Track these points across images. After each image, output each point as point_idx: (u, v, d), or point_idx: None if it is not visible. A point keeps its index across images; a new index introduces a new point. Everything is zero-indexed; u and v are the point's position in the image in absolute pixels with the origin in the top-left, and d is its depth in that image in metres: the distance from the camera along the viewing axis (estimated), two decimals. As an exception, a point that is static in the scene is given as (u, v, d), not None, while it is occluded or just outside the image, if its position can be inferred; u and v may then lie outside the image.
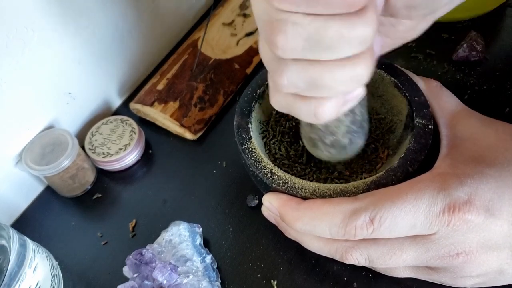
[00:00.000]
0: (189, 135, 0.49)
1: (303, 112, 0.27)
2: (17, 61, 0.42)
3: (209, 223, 0.43)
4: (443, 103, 0.36)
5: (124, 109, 0.55)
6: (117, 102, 0.56)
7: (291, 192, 0.34)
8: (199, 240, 0.41)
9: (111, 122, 0.50)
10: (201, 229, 0.42)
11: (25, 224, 0.47)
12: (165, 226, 0.42)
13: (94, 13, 0.47)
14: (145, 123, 0.52)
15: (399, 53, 0.52)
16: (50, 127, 0.48)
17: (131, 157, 0.48)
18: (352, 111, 0.32)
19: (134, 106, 0.52)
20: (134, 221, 0.45)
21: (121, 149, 0.48)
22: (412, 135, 0.35)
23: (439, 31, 0.53)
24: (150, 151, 0.51)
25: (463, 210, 0.28)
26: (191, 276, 0.38)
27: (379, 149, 0.40)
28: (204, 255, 0.40)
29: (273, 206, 0.35)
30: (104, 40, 0.50)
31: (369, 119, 0.36)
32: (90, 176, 0.48)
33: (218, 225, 0.43)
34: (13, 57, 0.41)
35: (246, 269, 0.40)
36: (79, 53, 0.48)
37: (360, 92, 0.27)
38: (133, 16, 0.52)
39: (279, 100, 0.28)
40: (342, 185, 0.33)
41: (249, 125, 0.38)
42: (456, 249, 0.29)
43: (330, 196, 0.33)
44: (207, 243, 0.42)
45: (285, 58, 0.24)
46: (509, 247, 0.29)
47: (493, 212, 0.28)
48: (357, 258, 0.32)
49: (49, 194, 0.49)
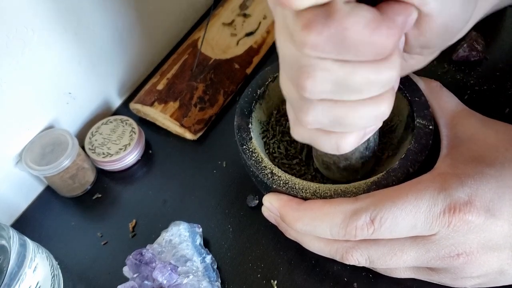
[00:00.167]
0: (189, 135, 0.49)
1: (325, 146, 0.29)
2: (17, 61, 0.42)
3: (209, 223, 0.43)
4: (443, 103, 0.36)
5: (124, 109, 0.55)
6: (117, 102, 0.56)
7: (292, 192, 0.34)
8: (199, 240, 0.41)
9: (111, 122, 0.50)
10: (201, 229, 0.42)
11: (25, 224, 0.47)
12: (165, 226, 0.42)
13: (94, 13, 0.47)
14: (145, 123, 0.52)
15: (399, 53, 0.52)
16: (50, 127, 0.48)
17: (131, 157, 0.48)
18: (367, 139, 0.33)
19: (134, 106, 0.52)
20: (134, 221, 0.45)
21: (121, 149, 0.48)
22: (413, 135, 0.35)
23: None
24: (150, 151, 0.51)
25: (463, 210, 0.28)
26: (191, 276, 0.38)
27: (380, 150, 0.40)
28: (204, 255, 0.40)
29: (273, 207, 0.35)
30: (104, 40, 0.50)
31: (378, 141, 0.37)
32: (90, 176, 0.48)
33: (218, 225, 0.43)
34: (13, 57, 0.41)
35: (246, 269, 0.40)
36: (79, 53, 0.48)
37: (379, 125, 0.29)
38: (133, 16, 0.52)
39: (301, 133, 0.30)
40: (343, 185, 0.33)
41: (250, 125, 0.38)
42: (456, 249, 0.29)
43: (331, 196, 0.33)
44: (207, 243, 0.42)
45: (312, 99, 0.25)
46: (510, 248, 0.29)
47: (494, 212, 0.28)
48: (357, 258, 0.32)
49: (49, 194, 0.49)
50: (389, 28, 0.22)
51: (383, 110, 0.26)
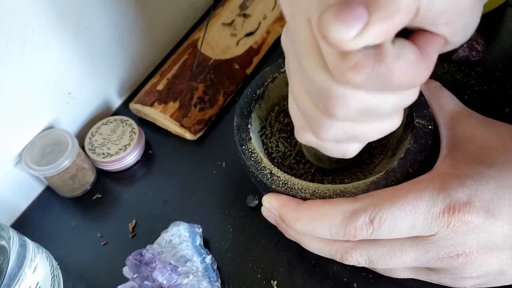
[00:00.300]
0: (189, 136, 0.49)
1: (333, 152, 0.30)
2: (17, 61, 0.42)
3: (209, 223, 0.43)
4: (443, 103, 0.36)
5: (124, 109, 0.55)
6: (117, 102, 0.56)
7: (291, 193, 0.34)
8: (199, 241, 0.41)
9: (111, 122, 0.50)
10: (201, 230, 0.42)
11: (25, 224, 0.47)
12: (165, 226, 0.42)
13: (94, 13, 0.47)
14: (145, 123, 0.52)
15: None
16: (50, 127, 0.48)
17: (131, 158, 0.48)
18: None
19: (134, 106, 0.52)
20: (134, 221, 0.45)
21: (121, 149, 0.48)
22: (412, 135, 0.35)
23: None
24: (150, 151, 0.51)
25: (463, 211, 0.28)
26: (191, 277, 0.38)
27: (373, 155, 0.40)
28: (204, 255, 0.40)
29: (273, 207, 0.35)
30: (104, 40, 0.50)
31: None
32: (90, 177, 0.48)
33: (218, 226, 0.43)
34: (13, 57, 0.41)
35: (246, 270, 0.40)
36: (79, 53, 0.48)
37: None
38: (133, 16, 0.52)
39: (309, 140, 0.30)
40: (342, 185, 0.33)
41: (249, 126, 0.38)
42: (456, 250, 0.29)
43: (330, 196, 0.33)
44: (207, 244, 0.42)
45: (335, 119, 0.26)
46: (509, 248, 0.29)
47: (493, 213, 0.28)
48: (357, 259, 0.32)
49: (49, 194, 0.49)
50: (427, 66, 0.22)
51: (396, 124, 0.27)
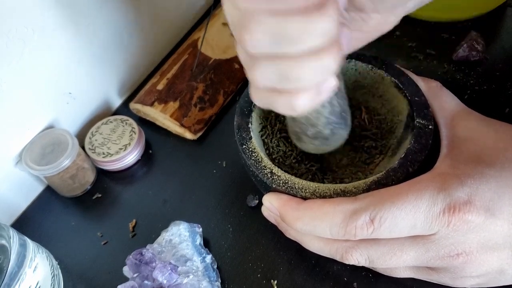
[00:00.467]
0: (189, 135, 0.49)
1: (280, 106, 0.28)
2: (17, 61, 0.42)
3: (209, 223, 0.43)
4: (443, 103, 0.36)
5: (124, 109, 0.55)
6: (117, 102, 0.56)
7: (291, 192, 0.34)
8: (199, 240, 0.41)
9: (111, 122, 0.50)
10: (201, 229, 0.42)
11: (25, 224, 0.47)
12: (165, 226, 0.42)
13: (94, 13, 0.47)
14: (145, 123, 0.52)
15: (399, 53, 0.52)
16: (50, 127, 0.48)
17: (131, 157, 0.48)
18: (329, 102, 0.33)
19: (134, 106, 0.52)
20: (134, 221, 0.45)
21: (121, 149, 0.48)
22: (413, 135, 0.35)
23: (439, 31, 0.53)
24: (150, 151, 0.51)
25: (463, 210, 0.28)
26: (191, 276, 0.38)
27: (374, 155, 0.40)
28: (204, 255, 0.40)
29: (273, 206, 0.35)
30: (104, 40, 0.50)
31: (350, 110, 0.37)
32: (90, 176, 0.48)
33: (218, 225, 0.43)
34: (13, 57, 0.41)
35: (246, 269, 0.40)
36: (79, 53, 0.48)
37: (332, 83, 0.28)
38: (133, 16, 0.52)
39: (258, 96, 0.29)
40: (342, 185, 0.33)
41: (249, 125, 0.38)
42: (456, 249, 0.29)
43: (330, 196, 0.33)
44: (207, 243, 0.42)
45: (255, 54, 0.25)
46: (510, 247, 0.29)
47: (493, 212, 0.28)
48: (357, 258, 0.32)
49: (49, 194, 0.49)
50: None
51: (326, 63, 0.25)
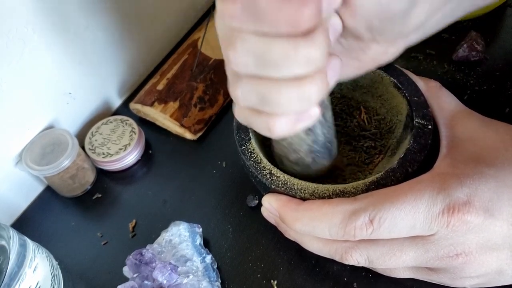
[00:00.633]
0: (189, 135, 0.49)
1: (258, 126, 0.28)
2: (17, 61, 0.42)
3: (209, 223, 0.43)
4: (443, 103, 0.36)
5: (124, 109, 0.55)
6: (117, 102, 0.56)
7: (291, 193, 0.34)
8: (199, 240, 0.41)
9: (111, 122, 0.50)
10: (201, 229, 0.42)
11: (25, 224, 0.47)
12: (165, 226, 0.42)
13: (94, 13, 0.47)
14: (145, 123, 0.52)
15: (399, 53, 0.52)
16: (50, 127, 0.48)
17: (131, 157, 0.48)
18: (313, 131, 0.33)
19: (134, 106, 0.52)
20: (134, 221, 0.45)
21: (121, 149, 0.48)
22: (412, 135, 0.35)
23: (439, 31, 0.53)
24: (150, 151, 0.51)
25: (462, 211, 0.28)
26: (191, 276, 0.38)
27: (373, 155, 0.40)
28: (204, 255, 0.40)
29: (272, 207, 0.35)
30: (104, 40, 0.50)
31: (336, 141, 0.36)
32: (90, 176, 0.48)
33: (218, 225, 0.43)
34: (13, 57, 0.41)
35: (246, 269, 0.40)
36: (79, 53, 0.48)
37: (314, 113, 0.27)
38: (133, 16, 0.52)
39: (238, 113, 0.29)
40: (341, 185, 0.33)
41: (249, 125, 0.38)
42: (455, 250, 0.29)
43: (329, 196, 0.33)
44: (207, 243, 0.42)
45: (238, 73, 0.25)
46: (509, 248, 0.29)
47: (493, 212, 0.28)
48: (356, 258, 0.32)
49: (49, 194, 0.49)
50: (305, 4, 0.21)
51: (308, 92, 0.25)
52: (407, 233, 0.30)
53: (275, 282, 0.39)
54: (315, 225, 0.32)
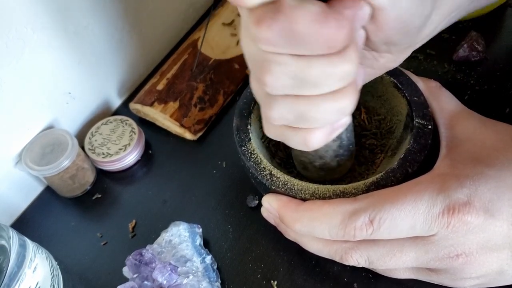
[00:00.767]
0: (189, 135, 0.49)
1: (294, 142, 0.29)
2: (17, 61, 0.42)
3: (209, 223, 0.43)
4: (443, 103, 0.36)
5: (124, 109, 0.55)
6: (117, 102, 0.56)
7: (291, 193, 0.34)
8: (199, 241, 0.41)
9: (111, 122, 0.50)
10: (201, 230, 0.42)
11: (25, 224, 0.47)
12: (165, 226, 0.42)
13: (94, 13, 0.47)
14: (145, 123, 0.52)
15: (399, 53, 0.52)
16: (50, 127, 0.48)
17: (131, 157, 0.48)
18: (339, 136, 0.34)
19: (134, 106, 0.52)
20: (134, 221, 0.45)
21: (121, 149, 0.48)
22: (412, 135, 0.35)
23: (439, 31, 0.53)
24: (150, 151, 0.51)
25: (462, 211, 0.28)
26: (191, 277, 0.38)
27: (375, 153, 0.40)
28: (204, 255, 0.40)
29: (272, 208, 0.35)
30: (104, 40, 0.50)
31: (355, 142, 0.37)
32: (90, 176, 0.48)
33: (218, 226, 0.43)
34: (13, 57, 0.41)
35: (246, 270, 0.40)
36: (79, 53, 0.48)
37: (346, 121, 0.29)
38: (133, 16, 0.52)
39: (271, 131, 0.30)
40: (342, 186, 0.33)
41: (249, 126, 0.38)
42: (456, 250, 0.29)
43: (330, 197, 0.33)
44: (207, 244, 0.42)
45: (274, 94, 0.26)
46: (509, 248, 0.29)
47: (493, 213, 0.28)
48: (357, 259, 0.32)
49: (49, 194, 0.49)
50: (337, 20, 0.22)
51: (345, 104, 0.26)
52: (407, 234, 0.30)
53: (275, 282, 0.39)
54: (315, 226, 0.32)
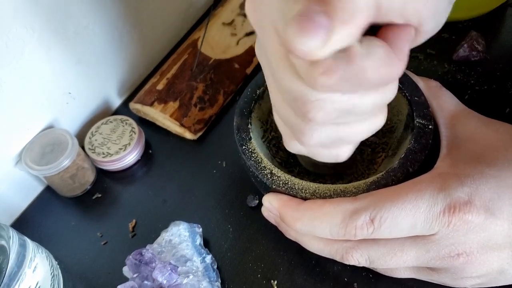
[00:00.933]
0: (189, 135, 0.49)
1: (325, 158, 0.30)
2: (17, 61, 0.42)
3: (209, 223, 0.43)
4: (443, 103, 0.36)
5: (124, 109, 0.55)
6: (117, 102, 0.56)
7: (291, 192, 0.34)
8: (199, 240, 0.41)
9: (111, 122, 0.50)
10: (201, 229, 0.42)
11: (25, 224, 0.47)
12: (165, 226, 0.42)
13: (94, 13, 0.47)
14: (145, 123, 0.52)
15: (399, 53, 0.52)
16: (50, 127, 0.48)
17: (131, 157, 0.48)
18: None
19: (134, 106, 0.52)
20: (134, 221, 0.45)
21: (121, 149, 0.48)
22: (412, 135, 0.35)
23: (439, 31, 0.53)
24: (150, 151, 0.51)
25: (463, 210, 0.28)
26: (191, 276, 0.38)
27: (376, 152, 0.40)
28: (204, 255, 0.40)
29: (273, 207, 0.35)
30: (103, 40, 0.50)
31: None
32: (90, 176, 0.48)
33: (218, 225, 0.43)
34: (13, 57, 0.41)
35: (246, 269, 0.40)
36: (79, 53, 0.48)
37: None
38: (133, 16, 0.52)
39: (298, 149, 0.31)
40: (343, 185, 0.33)
41: (249, 125, 0.38)
42: (456, 249, 0.29)
43: (330, 196, 0.33)
44: (207, 243, 0.42)
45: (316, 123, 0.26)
46: (510, 247, 0.29)
47: (493, 212, 0.28)
48: (357, 258, 0.32)
49: (49, 194, 0.49)
50: (401, 60, 0.22)
51: (380, 123, 0.28)
52: (408, 233, 0.30)
53: (275, 282, 0.39)
54: (316, 225, 0.32)
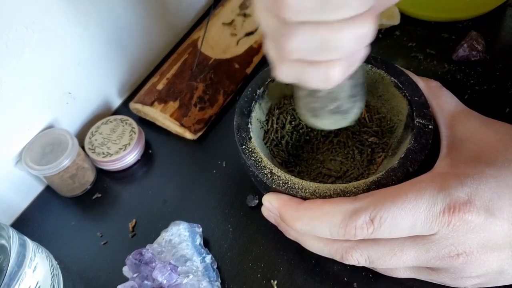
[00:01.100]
0: (189, 135, 0.49)
1: (313, 78, 0.27)
2: (17, 61, 0.42)
3: (209, 223, 0.43)
4: (443, 103, 0.36)
5: (124, 109, 0.55)
6: (117, 102, 0.56)
7: (291, 192, 0.34)
8: (199, 240, 0.41)
9: (111, 122, 0.50)
10: (201, 229, 0.42)
11: (25, 224, 0.47)
12: (165, 226, 0.42)
13: (94, 13, 0.47)
14: (145, 123, 0.52)
15: (399, 53, 0.52)
16: (50, 127, 0.48)
17: (131, 157, 0.48)
18: (353, 74, 0.31)
19: (134, 106, 0.52)
20: (134, 221, 0.45)
21: (121, 149, 0.48)
22: (413, 135, 0.35)
23: (439, 31, 0.53)
24: (150, 151, 0.51)
25: (463, 210, 0.28)
26: (191, 276, 0.38)
27: (376, 152, 0.40)
28: (204, 255, 0.40)
29: (273, 206, 0.35)
30: (104, 40, 0.50)
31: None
32: (90, 176, 0.48)
33: (218, 225, 0.43)
34: (13, 57, 0.41)
35: (246, 269, 0.40)
36: (79, 53, 0.48)
37: (364, 53, 0.28)
38: (133, 16, 0.52)
39: (286, 70, 0.28)
40: (342, 185, 0.33)
41: (249, 125, 0.38)
42: (456, 249, 0.29)
43: (330, 196, 0.33)
44: (207, 243, 0.42)
45: (294, 21, 0.25)
46: (509, 247, 0.29)
47: (493, 212, 0.28)
48: (357, 258, 0.32)
49: (49, 194, 0.49)
50: None
51: (365, 31, 0.25)
52: (407, 233, 0.30)
53: (275, 282, 0.39)
54: (316, 225, 0.32)
